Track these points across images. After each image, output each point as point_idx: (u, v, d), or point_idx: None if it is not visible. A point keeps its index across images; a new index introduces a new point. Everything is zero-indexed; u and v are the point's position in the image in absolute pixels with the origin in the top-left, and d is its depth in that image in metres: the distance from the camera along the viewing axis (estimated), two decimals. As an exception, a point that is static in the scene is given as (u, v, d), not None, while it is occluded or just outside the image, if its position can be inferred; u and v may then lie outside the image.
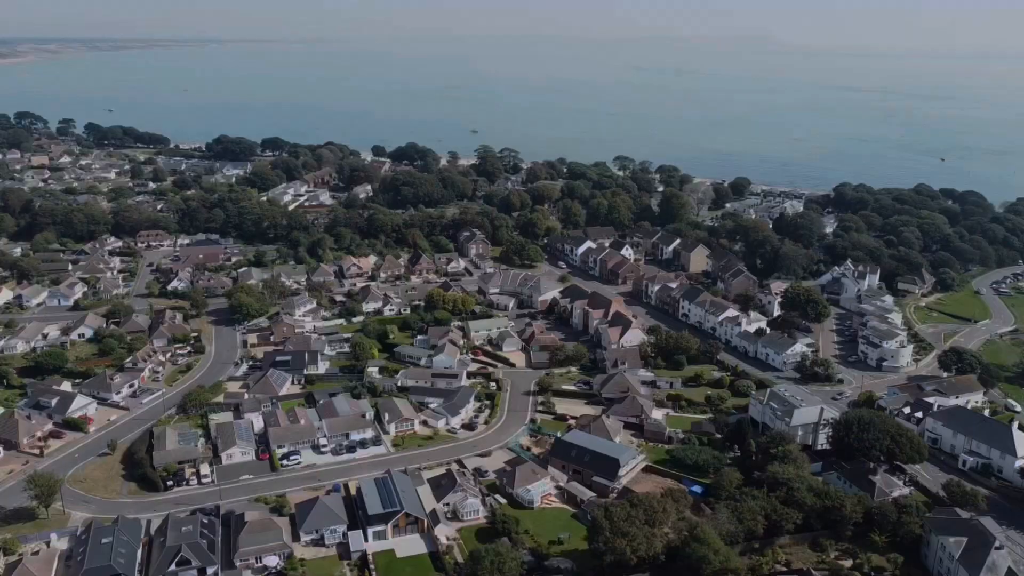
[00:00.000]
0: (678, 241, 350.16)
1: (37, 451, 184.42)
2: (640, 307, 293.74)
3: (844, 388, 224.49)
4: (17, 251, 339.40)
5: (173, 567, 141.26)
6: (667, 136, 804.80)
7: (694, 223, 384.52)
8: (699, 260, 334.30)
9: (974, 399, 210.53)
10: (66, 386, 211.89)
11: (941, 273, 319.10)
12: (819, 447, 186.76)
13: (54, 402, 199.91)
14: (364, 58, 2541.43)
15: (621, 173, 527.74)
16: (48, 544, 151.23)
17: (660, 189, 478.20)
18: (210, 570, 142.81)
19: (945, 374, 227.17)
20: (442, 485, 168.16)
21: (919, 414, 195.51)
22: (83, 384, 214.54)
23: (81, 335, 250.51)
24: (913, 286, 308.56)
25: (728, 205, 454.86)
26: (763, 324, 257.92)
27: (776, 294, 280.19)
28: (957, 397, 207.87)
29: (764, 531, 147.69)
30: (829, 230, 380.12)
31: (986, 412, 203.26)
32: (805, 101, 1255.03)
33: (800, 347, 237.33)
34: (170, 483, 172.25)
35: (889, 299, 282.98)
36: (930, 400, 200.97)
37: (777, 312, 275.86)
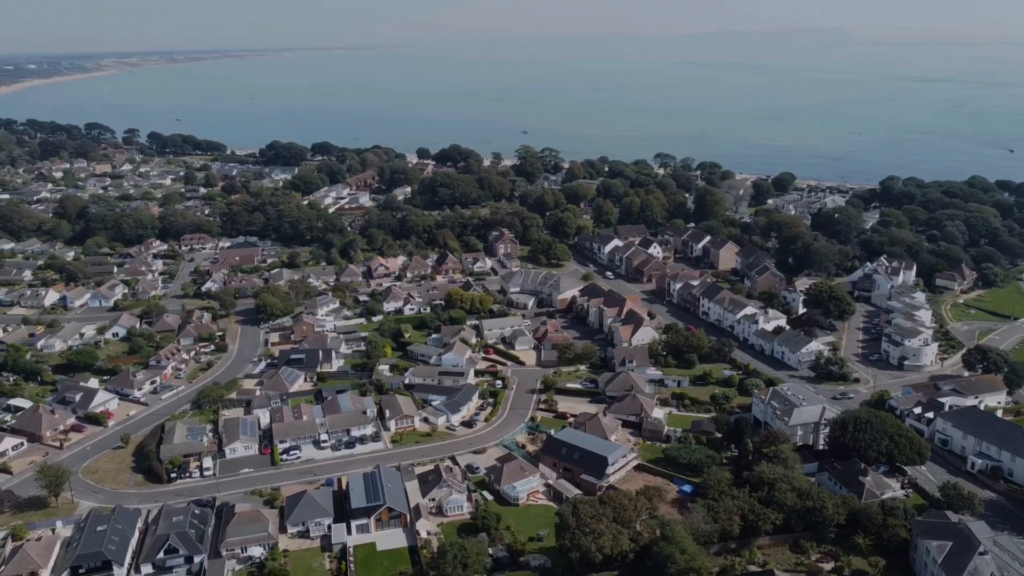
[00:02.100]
0: (708, 238, 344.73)
1: (58, 444, 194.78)
2: (662, 305, 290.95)
3: (858, 387, 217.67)
4: (70, 255, 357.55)
5: (161, 554, 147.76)
6: (717, 132, 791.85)
7: (729, 220, 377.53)
8: (728, 257, 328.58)
9: (995, 400, 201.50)
10: (93, 383, 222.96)
11: (984, 268, 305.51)
12: (820, 447, 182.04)
13: (78, 397, 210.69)
14: (429, 62, 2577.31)
15: (661, 171, 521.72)
16: (53, 531, 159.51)
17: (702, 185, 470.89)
18: (197, 558, 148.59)
19: (966, 373, 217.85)
20: (429, 481, 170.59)
21: (930, 414, 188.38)
22: (109, 381, 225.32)
23: (115, 334, 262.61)
24: (952, 282, 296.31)
25: (770, 201, 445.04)
26: (782, 322, 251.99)
27: (800, 291, 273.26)
28: (976, 397, 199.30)
29: (741, 531, 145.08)
30: (871, 225, 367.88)
31: (998, 413, 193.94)
32: (872, 93, 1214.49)
33: (816, 345, 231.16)
34: (174, 475, 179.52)
35: (920, 296, 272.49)
36: (944, 400, 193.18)
37: (802, 310, 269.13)
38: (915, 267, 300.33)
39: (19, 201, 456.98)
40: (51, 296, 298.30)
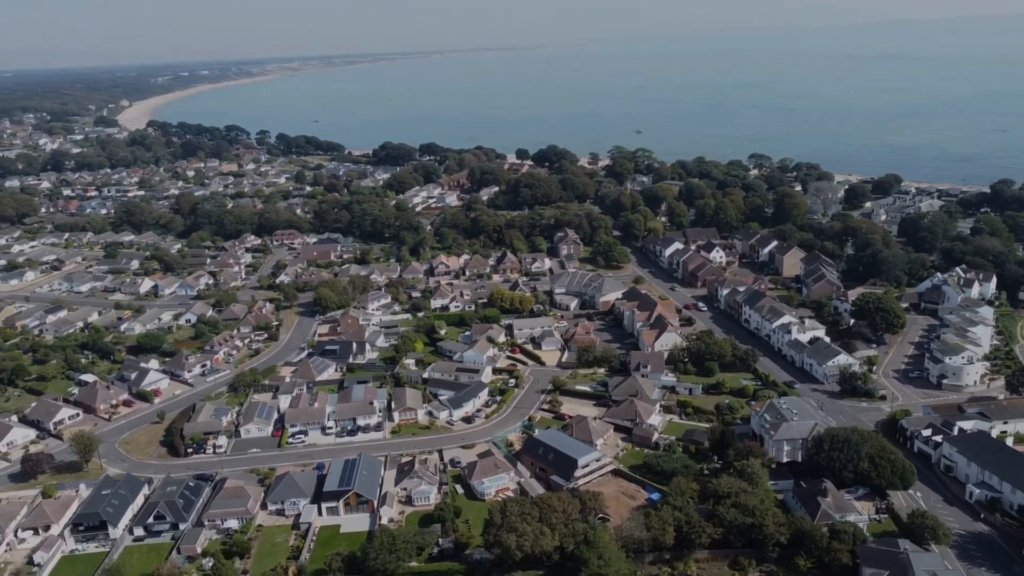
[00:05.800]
0: (775, 243, 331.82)
1: (107, 416, 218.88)
2: (710, 311, 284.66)
3: (882, 404, 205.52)
4: (176, 248, 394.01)
5: (151, 520, 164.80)
6: (836, 130, 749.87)
7: (806, 224, 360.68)
8: (793, 263, 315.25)
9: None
10: (154, 363, 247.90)
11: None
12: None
13: (133, 376, 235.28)
14: (559, 61, 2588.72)
15: (755, 172, 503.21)
16: (77, 492, 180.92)
17: (798, 188, 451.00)
18: (182, 526, 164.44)
19: (1002, 396, 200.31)
20: (404, 471, 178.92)
21: (938, 438, 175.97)
22: (166, 363, 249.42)
23: (187, 320, 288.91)
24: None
25: (867, 204, 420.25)
26: (820, 333, 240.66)
27: (851, 301, 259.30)
28: (1005, 423, 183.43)
29: (677, 543, 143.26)
30: (958, 232, 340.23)
31: (1008, 440, 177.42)
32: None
33: (844, 359, 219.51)
34: (191, 450, 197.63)
35: (986, 310, 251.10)
36: (960, 423, 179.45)
37: (852, 321, 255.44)
38: (994, 278, 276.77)
39: (150, 198, 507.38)
40: (146, 284, 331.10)
